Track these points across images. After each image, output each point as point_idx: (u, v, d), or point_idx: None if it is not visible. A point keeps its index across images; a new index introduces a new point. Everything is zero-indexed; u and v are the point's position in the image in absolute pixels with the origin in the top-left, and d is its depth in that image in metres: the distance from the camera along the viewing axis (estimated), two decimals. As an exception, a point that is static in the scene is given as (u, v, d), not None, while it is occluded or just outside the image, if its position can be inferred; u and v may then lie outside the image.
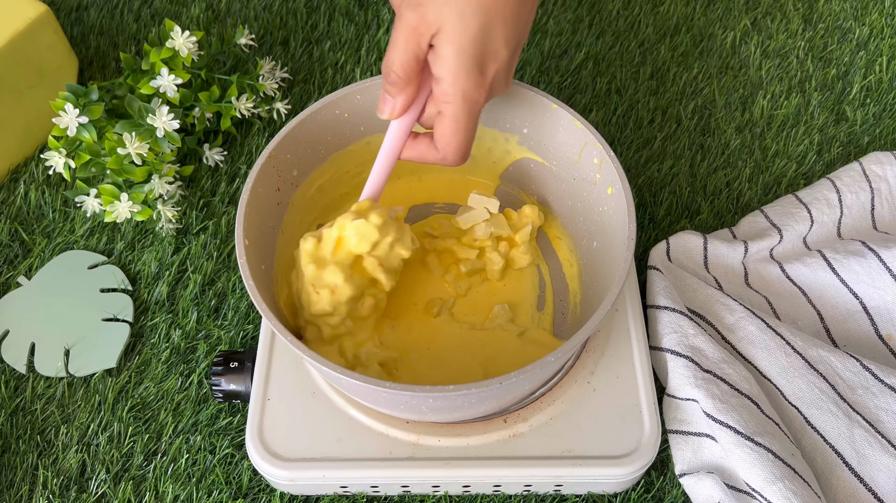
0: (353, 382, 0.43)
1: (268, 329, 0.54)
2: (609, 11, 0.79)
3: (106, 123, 0.61)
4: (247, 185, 0.50)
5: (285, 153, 0.52)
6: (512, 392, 0.46)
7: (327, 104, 0.54)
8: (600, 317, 0.45)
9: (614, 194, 0.51)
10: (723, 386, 0.52)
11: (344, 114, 0.55)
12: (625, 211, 0.49)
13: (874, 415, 0.52)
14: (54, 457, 0.55)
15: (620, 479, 0.50)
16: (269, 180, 0.52)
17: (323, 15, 0.78)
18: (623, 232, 0.49)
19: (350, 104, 0.54)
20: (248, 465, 0.54)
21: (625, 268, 0.47)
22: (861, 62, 0.75)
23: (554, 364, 0.44)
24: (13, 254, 0.64)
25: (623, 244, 0.48)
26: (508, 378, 0.43)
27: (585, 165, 0.54)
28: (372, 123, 0.56)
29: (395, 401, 0.45)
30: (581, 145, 0.53)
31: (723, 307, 0.57)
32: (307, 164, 0.55)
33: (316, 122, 0.54)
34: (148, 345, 0.59)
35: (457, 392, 0.42)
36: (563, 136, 0.55)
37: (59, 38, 0.67)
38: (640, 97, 0.73)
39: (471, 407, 0.46)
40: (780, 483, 0.47)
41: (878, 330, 0.58)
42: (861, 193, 0.63)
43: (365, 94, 0.54)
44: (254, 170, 0.50)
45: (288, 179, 0.53)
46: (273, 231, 0.53)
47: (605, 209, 0.53)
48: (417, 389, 0.42)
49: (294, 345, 0.44)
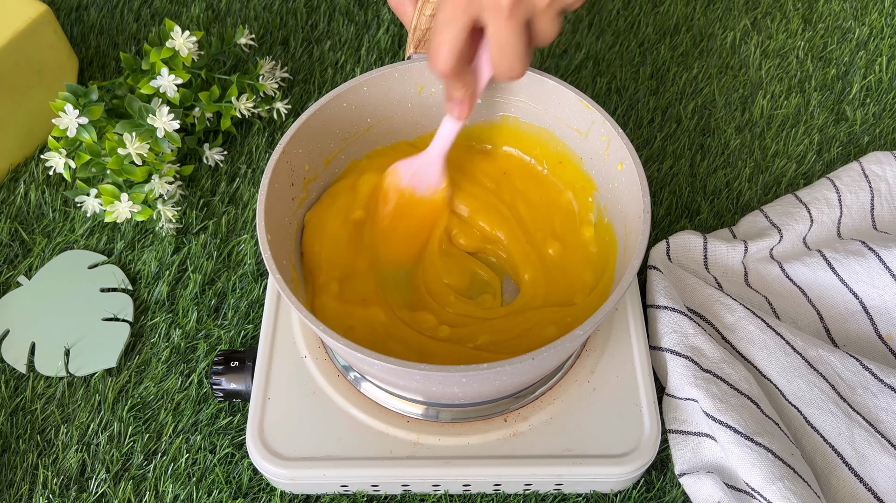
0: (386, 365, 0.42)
1: (268, 328, 0.54)
2: (609, 11, 0.79)
3: (106, 123, 0.61)
4: (263, 182, 0.50)
5: (297, 148, 0.52)
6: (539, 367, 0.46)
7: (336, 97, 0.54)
8: (626, 284, 0.45)
9: (625, 170, 0.51)
10: (722, 386, 0.52)
11: (352, 106, 0.55)
12: (637, 184, 0.49)
13: (874, 414, 0.52)
14: (54, 456, 0.55)
15: (620, 478, 0.50)
16: (284, 176, 0.52)
17: (323, 15, 0.78)
18: (637, 206, 0.49)
19: (357, 96, 0.55)
20: (248, 465, 0.54)
21: (643, 240, 0.47)
22: (861, 62, 0.75)
23: (582, 337, 0.45)
24: (13, 253, 0.64)
25: (638, 217, 0.48)
26: (540, 353, 0.42)
27: (594, 142, 0.54)
28: (378, 114, 0.56)
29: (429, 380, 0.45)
30: (588, 124, 0.53)
31: (723, 307, 0.57)
32: (317, 157, 0.55)
33: (326, 115, 0.54)
34: (148, 345, 0.59)
35: (490, 370, 0.42)
36: (567, 115, 0.55)
37: (59, 37, 0.67)
38: (640, 97, 0.73)
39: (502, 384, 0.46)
40: (780, 482, 0.47)
41: (878, 330, 0.58)
42: (861, 193, 0.63)
43: (371, 86, 0.55)
44: (269, 165, 0.50)
45: (300, 174, 0.53)
46: (290, 226, 0.53)
47: (615, 185, 0.53)
48: (452, 369, 0.42)
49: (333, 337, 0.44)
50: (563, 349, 0.44)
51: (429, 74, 0.55)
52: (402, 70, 0.55)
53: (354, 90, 0.54)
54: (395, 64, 0.54)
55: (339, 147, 0.56)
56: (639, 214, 0.48)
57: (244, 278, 0.62)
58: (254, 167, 0.68)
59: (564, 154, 0.57)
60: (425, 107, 0.57)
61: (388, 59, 0.75)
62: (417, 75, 0.55)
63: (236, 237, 0.64)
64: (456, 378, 0.43)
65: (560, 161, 0.57)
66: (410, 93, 0.56)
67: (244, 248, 0.63)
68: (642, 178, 0.49)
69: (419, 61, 0.54)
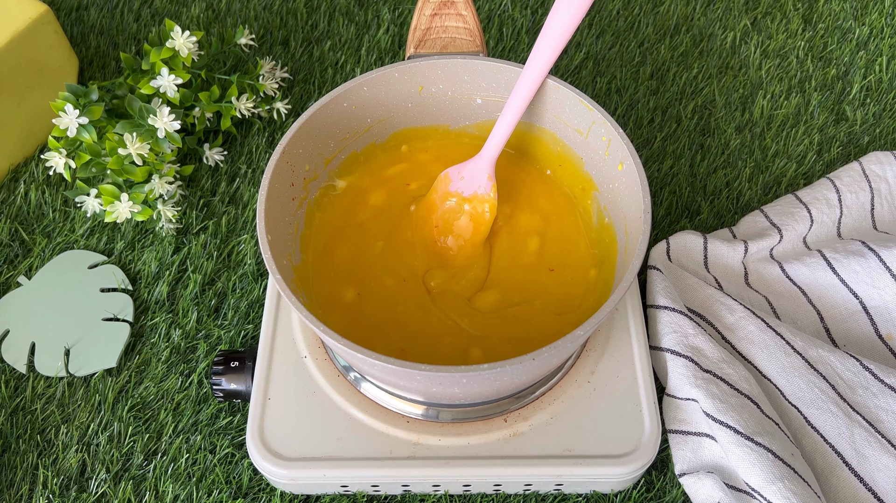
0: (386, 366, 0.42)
1: (268, 328, 0.54)
2: (609, 11, 0.79)
3: (106, 123, 0.61)
4: (263, 182, 0.50)
5: (297, 148, 0.52)
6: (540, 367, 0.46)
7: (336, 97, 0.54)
8: (627, 284, 0.45)
9: (625, 170, 0.51)
10: (722, 386, 0.52)
11: (352, 106, 0.55)
12: (637, 184, 0.49)
13: (874, 414, 0.52)
14: (54, 456, 0.55)
15: (621, 479, 0.50)
16: (284, 176, 0.52)
17: (323, 14, 0.78)
18: (637, 206, 0.49)
19: (358, 96, 0.55)
20: (248, 465, 0.54)
21: (644, 240, 0.47)
22: (861, 62, 0.75)
23: (582, 338, 0.45)
24: (13, 253, 0.64)
25: (638, 218, 0.48)
26: (541, 353, 0.42)
27: (594, 142, 0.54)
28: (378, 113, 0.56)
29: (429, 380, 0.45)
30: (588, 124, 0.53)
31: (723, 307, 0.57)
32: (317, 157, 0.55)
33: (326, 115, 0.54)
34: (148, 345, 0.59)
35: (491, 370, 0.42)
36: (567, 115, 0.55)
37: (59, 37, 0.67)
38: (640, 97, 0.73)
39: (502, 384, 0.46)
40: (780, 482, 0.47)
41: (878, 330, 0.58)
42: (861, 193, 0.63)
43: (371, 86, 0.55)
44: (269, 166, 0.50)
45: (301, 174, 0.53)
46: (290, 226, 0.53)
47: (615, 185, 0.53)
48: (453, 370, 0.42)
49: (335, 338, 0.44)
50: (564, 349, 0.44)
51: (429, 74, 0.55)
52: (402, 70, 0.55)
53: (355, 90, 0.54)
54: (395, 64, 0.54)
55: (339, 147, 0.56)
56: (639, 215, 0.48)
57: (244, 278, 0.62)
58: (254, 167, 0.68)
59: (564, 154, 0.57)
60: (425, 106, 0.57)
61: (388, 59, 0.75)
62: (418, 75, 0.55)
63: (236, 237, 0.64)
64: (456, 378, 0.43)
65: (560, 163, 0.57)
66: (411, 93, 0.56)
67: (244, 248, 0.63)
68: (643, 179, 0.49)
69: (419, 61, 0.54)
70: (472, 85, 0.56)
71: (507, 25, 0.78)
